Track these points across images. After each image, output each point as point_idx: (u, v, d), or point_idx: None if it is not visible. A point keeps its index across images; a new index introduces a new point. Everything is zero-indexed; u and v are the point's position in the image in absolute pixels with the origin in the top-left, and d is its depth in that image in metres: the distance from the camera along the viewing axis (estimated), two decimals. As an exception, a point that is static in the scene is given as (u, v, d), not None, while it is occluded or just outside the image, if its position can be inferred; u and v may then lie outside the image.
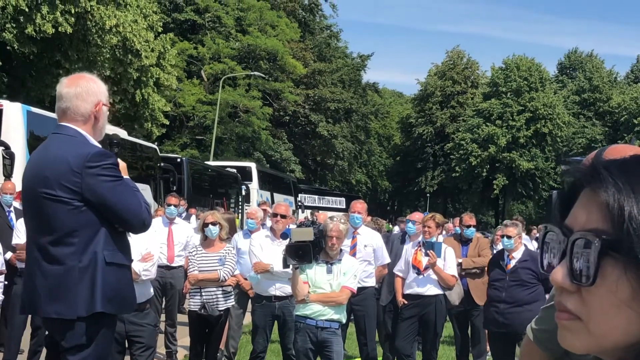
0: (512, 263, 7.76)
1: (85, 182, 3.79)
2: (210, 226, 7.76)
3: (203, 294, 7.56)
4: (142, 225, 3.97)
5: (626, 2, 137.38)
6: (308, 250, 6.19)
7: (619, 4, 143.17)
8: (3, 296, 7.49)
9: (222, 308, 7.65)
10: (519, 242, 7.83)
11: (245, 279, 8.54)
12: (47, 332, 5.50)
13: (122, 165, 4.09)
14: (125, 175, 4.04)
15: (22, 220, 8.10)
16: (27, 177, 4.00)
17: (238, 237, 9.25)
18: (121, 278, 3.93)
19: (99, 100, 3.98)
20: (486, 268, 8.83)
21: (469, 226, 9.78)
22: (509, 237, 7.83)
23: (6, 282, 7.53)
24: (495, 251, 9.55)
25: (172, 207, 10.22)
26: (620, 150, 2.00)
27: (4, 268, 7.43)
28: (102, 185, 3.82)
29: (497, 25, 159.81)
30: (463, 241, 9.74)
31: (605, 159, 0.95)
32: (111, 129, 16.70)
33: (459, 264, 9.31)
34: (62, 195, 3.79)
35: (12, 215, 9.14)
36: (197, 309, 7.56)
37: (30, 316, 7.64)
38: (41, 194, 3.82)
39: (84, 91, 3.95)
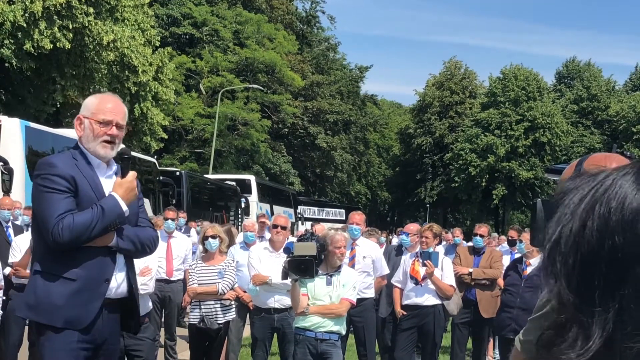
0: (529, 269, 7.82)
1: (32, 189, 3.98)
2: (210, 239, 7.77)
3: (202, 307, 7.56)
4: (48, 238, 3.81)
5: (624, 11, 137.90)
6: (310, 265, 6.17)
7: (617, 13, 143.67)
8: (2, 311, 7.47)
9: (222, 321, 7.64)
10: (534, 249, 7.84)
11: (244, 292, 8.52)
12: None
13: (124, 181, 4.04)
14: (119, 192, 3.97)
15: (20, 237, 8.10)
16: None
17: (235, 250, 9.22)
18: (53, 288, 3.85)
19: (79, 115, 4.08)
20: (499, 279, 8.93)
21: (476, 235, 9.80)
22: (520, 241, 8.01)
23: (4, 298, 7.51)
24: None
25: (170, 221, 10.20)
26: (600, 159, 2.02)
27: (2, 283, 7.42)
28: (35, 193, 3.93)
29: (494, 36, 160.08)
30: (476, 252, 9.70)
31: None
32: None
33: (469, 274, 9.33)
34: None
35: (10, 230, 9.12)
36: (196, 322, 7.55)
37: (27, 331, 7.63)
38: None
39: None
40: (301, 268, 6.18)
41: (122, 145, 4.20)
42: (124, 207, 3.98)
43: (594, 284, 0.88)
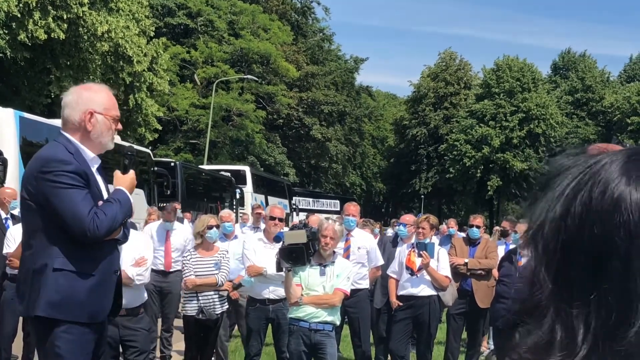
0: (523, 260, 7.82)
1: (39, 186, 3.82)
2: (214, 229, 7.78)
3: (200, 298, 7.55)
4: (82, 234, 3.79)
5: (618, 2, 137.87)
6: (302, 253, 6.18)
7: (612, 4, 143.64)
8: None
9: (219, 312, 7.66)
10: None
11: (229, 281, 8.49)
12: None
13: (127, 176, 4.14)
14: (125, 187, 4.06)
15: (15, 227, 8.08)
16: None
17: None
18: (76, 285, 3.84)
19: (87, 108, 3.94)
20: (494, 269, 8.92)
21: (472, 226, 9.80)
22: (515, 232, 8.01)
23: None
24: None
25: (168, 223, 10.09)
26: (601, 149, 2.01)
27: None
28: (51, 190, 3.79)
29: (490, 27, 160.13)
30: (471, 243, 9.70)
31: None
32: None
33: (465, 264, 9.33)
34: (26, 196, 3.89)
35: (10, 222, 9.09)
36: (194, 314, 7.54)
37: (21, 322, 7.63)
38: (20, 195, 4.03)
39: (74, 100, 3.97)
40: (292, 256, 6.19)
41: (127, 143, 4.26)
42: (132, 201, 4.10)
43: (572, 273, 0.84)
